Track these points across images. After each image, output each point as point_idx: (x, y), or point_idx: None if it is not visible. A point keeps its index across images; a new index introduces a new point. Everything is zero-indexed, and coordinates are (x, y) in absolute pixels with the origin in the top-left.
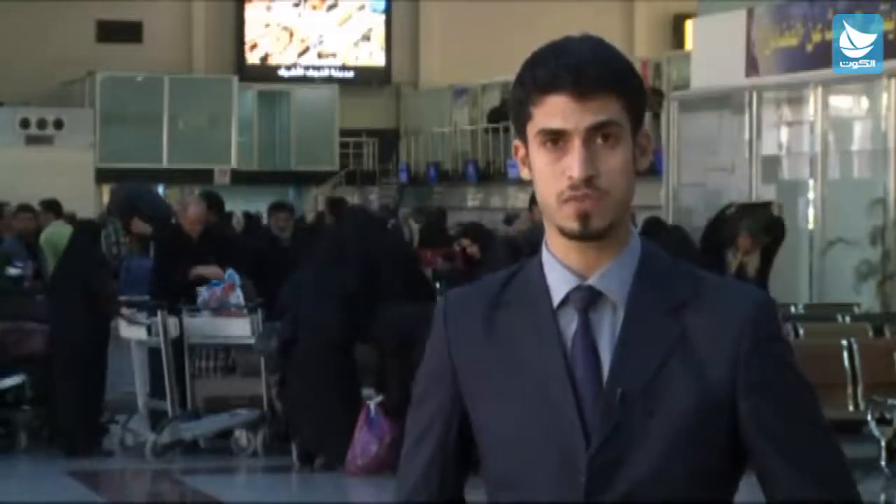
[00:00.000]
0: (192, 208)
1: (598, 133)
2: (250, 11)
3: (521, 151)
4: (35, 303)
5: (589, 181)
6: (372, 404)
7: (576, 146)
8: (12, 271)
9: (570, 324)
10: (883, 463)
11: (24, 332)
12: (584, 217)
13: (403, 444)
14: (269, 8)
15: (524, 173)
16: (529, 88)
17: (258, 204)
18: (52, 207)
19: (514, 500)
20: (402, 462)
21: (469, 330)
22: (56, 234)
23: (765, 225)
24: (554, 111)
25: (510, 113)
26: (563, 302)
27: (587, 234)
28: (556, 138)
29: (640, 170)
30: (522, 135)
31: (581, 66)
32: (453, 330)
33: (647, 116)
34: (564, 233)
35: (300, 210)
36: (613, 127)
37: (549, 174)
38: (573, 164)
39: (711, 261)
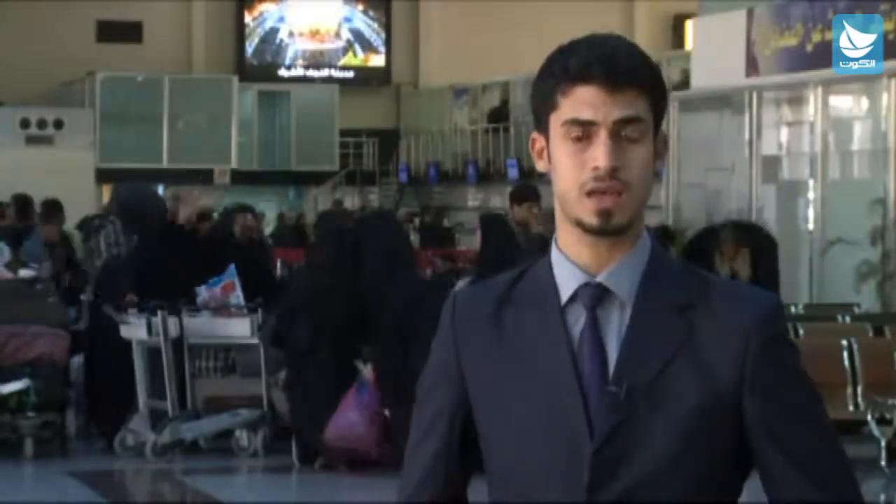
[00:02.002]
0: (190, 198)
1: (625, 128)
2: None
3: (540, 143)
4: (46, 305)
5: (613, 172)
6: (363, 371)
7: (602, 138)
8: (24, 273)
9: (577, 321)
10: (883, 463)
11: (29, 336)
12: (605, 214)
13: (408, 441)
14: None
15: (541, 166)
16: (559, 77)
17: (259, 204)
18: (52, 208)
19: (517, 499)
20: (405, 460)
21: (477, 328)
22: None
23: (747, 232)
24: (583, 102)
25: (532, 103)
26: (572, 299)
27: (606, 230)
28: (581, 130)
29: (656, 171)
30: (543, 126)
31: (614, 58)
32: (461, 328)
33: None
34: (583, 227)
35: (300, 210)
36: (639, 123)
37: (572, 165)
38: (599, 154)
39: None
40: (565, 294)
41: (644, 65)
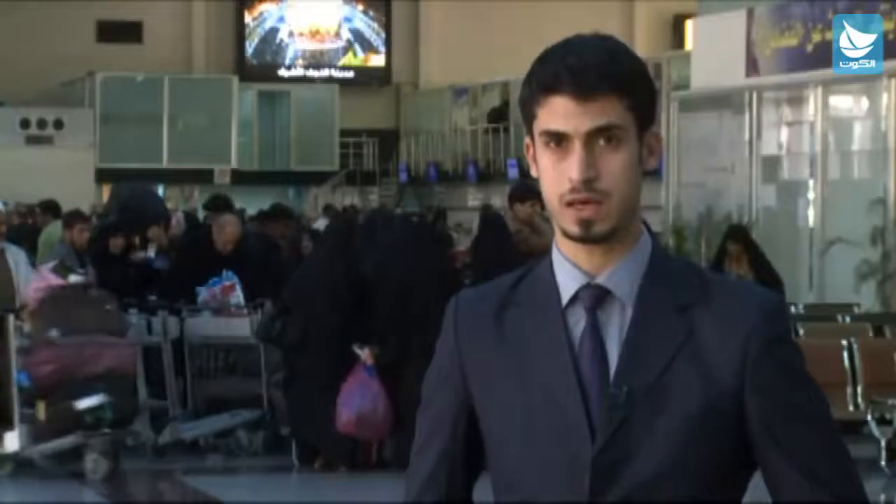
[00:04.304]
0: (229, 228)
1: (601, 135)
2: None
3: (532, 150)
4: (105, 314)
5: (589, 183)
6: (362, 354)
7: (576, 149)
8: (73, 279)
9: (578, 323)
10: (883, 463)
11: (98, 347)
12: (585, 223)
13: (413, 442)
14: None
15: (534, 171)
16: (534, 88)
17: (258, 205)
18: (51, 208)
19: (519, 500)
20: (411, 461)
21: (478, 330)
22: (54, 234)
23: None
24: (556, 112)
25: (520, 110)
26: (572, 301)
27: (589, 239)
28: (558, 139)
29: (649, 169)
30: (530, 133)
31: (583, 67)
32: (463, 330)
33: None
34: (568, 236)
35: (300, 210)
36: (615, 130)
37: (552, 175)
38: (573, 166)
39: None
40: (566, 295)
41: (619, 67)
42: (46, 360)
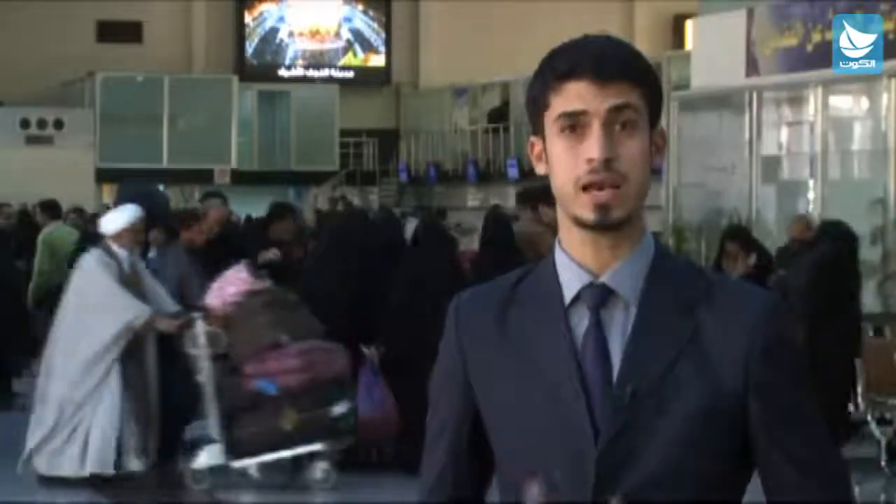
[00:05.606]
0: (213, 212)
1: (618, 119)
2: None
3: (538, 147)
4: (310, 317)
5: (608, 163)
6: (369, 353)
7: (595, 129)
8: (267, 283)
9: (581, 322)
10: (883, 463)
11: (325, 352)
12: (602, 208)
13: (425, 441)
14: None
15: (540, 168)
16: (548, 78)
17: (258, 204)
18: (51, 208)
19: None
20: (423, 461)
21: (481, 330)
22: (55, 235)
23: (730, 232)
24: (574, 95)
25: (527, 108)
26: (575, 300)
27: (605, 224)
28: (574, 124)
29: (654, 167)
30: (539, 128)
31: (601, 55)
32: (465, 330)
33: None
34: (581, 223)
35: (300, 210)
36: (632, 112)
37: (567, 160)
38: (593, 145)
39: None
40: (569, 295)
41: (634, 60)
42: (298, 368)
